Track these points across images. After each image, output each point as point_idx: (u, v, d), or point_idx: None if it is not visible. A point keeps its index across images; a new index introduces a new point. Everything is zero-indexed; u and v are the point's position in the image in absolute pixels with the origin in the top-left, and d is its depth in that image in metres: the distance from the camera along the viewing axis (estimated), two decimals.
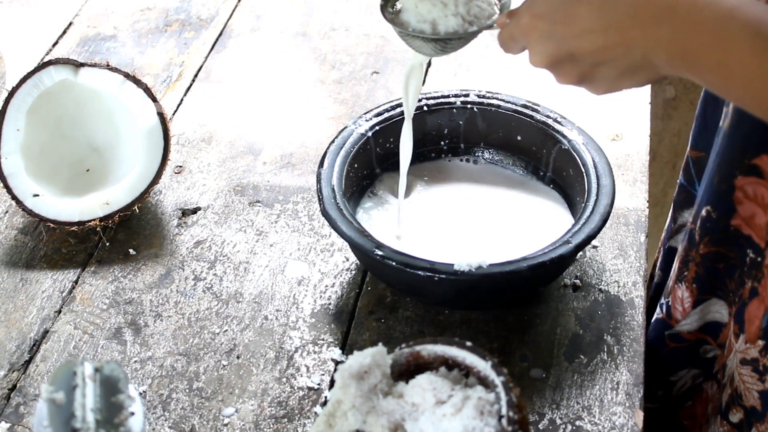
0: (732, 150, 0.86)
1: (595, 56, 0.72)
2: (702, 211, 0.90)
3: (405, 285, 0.92)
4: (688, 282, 0.94)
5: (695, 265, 0.92)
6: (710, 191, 0.89)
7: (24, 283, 0.98)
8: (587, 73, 0.74)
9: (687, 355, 0.98)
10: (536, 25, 0.74)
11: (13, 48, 1.31)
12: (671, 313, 0.97)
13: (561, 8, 0.72)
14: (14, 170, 1.01)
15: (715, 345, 0.96)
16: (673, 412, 1.02)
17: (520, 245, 0.92)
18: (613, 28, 0.70)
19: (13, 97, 1.02)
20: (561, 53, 0.73)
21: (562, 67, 0.75)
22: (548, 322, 0.93)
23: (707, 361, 0.97)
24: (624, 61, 0.71)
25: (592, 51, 0.72)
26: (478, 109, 1.03)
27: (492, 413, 0.69)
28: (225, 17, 1.37)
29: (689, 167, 1.01)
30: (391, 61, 1.27)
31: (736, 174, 0.86)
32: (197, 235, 1.03)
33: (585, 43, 0.71)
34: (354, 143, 0.99)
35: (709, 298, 0.94)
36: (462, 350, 0.73)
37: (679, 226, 1.04)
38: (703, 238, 0.90)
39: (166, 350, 0.91)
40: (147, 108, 1.03)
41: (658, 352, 1.00)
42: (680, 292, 0.95)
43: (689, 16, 0.66)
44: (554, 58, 0.74)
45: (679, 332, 0.97)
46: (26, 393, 0.87)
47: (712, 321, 0.94)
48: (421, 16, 0.86)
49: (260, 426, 0.84)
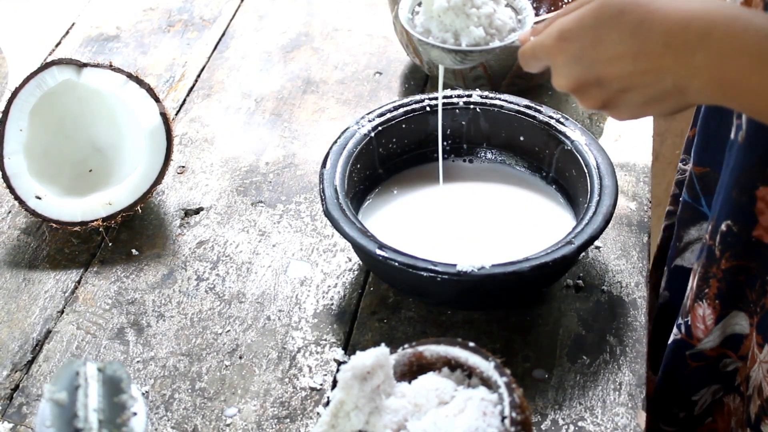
0: (751, 161, 0.84)
1: (623, 82, 0.70)
2: (721, 226, 0.87)
3: (407, 285, 0.92)
4: (709, 299, 0.91)
5: (717, 281, 0.90)
6: (729, 205, 0.87)
7: (27, 283, 0.98)
8: (613, 99, 0.72)
9: (708, 372, 0.96)
10: (564, 47, 0.72)
11: (16, 48, 1.31)
12: (692, 332, 0.94)
13: (591, 32, 0.70)
14: (17, 170, 1.01)
15: (735, 357, 0.94)
16: (692, 431, 1.01)
17: (522, 246, 0.92)
18: (643, 54, 0.68)
19: (16, 97, 1.03)
20: (588, 77, 0.71)
21: (588, 91, 0.73)
22: (551, 322, 0.93)
23: (727, 374, 0.95)
24: (653, 89, 0.69)
25: (620, 77, 0.69)
26: (481, 109, 1.03)
27: (495, 414, 0.69)
28: (228, 17, 1.37)
29: (693, 183, 0.99)
30: (394, 62, 1.27)
31: (757, 185, 0.84)
32: (200, 236, 1.03)
33: (613, 69, 0.69)
34: (357, 144, 0.98)
35: (730, 312, 0.92)
36: (465, 351, 0.73)
37: (686, 244, 1.02)
38: (725, 253, 0.88)
39: (169, 350, 0.91)
40: (150, 108, 1.03)
41: (678, 373, 0.97)
42: (701, 311, 0.92)
43: (726, 41, 0.64)
44: (580, 82, 0.72)
45: (702, 350, 0.94)
46: (29, 393, 0.87)
47: (733, 333, 0.93)
48: (444, 25, 0.84)
49: (263, 426, 0.84)
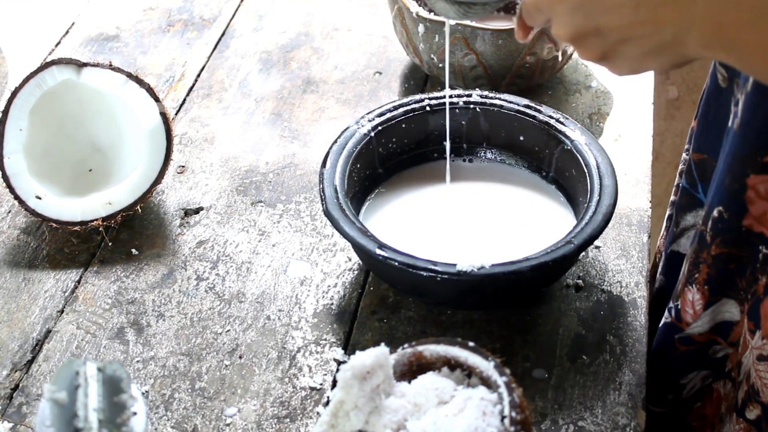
0: (744, 149, 0.84)
1: (622, 32, 0.69)
2: (713, 212, 0.89)
3: (407, 285, 0.92)
4: (699, 284, 0.93)
5: (707, 267, 0.91)
6: (721, 192, 0.88)
7: (27, 283, 0.98)
8: (611, 50, 0.72)
9: (697, 357, 0.97)
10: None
11: (15, 48, 1.31)
12: (681, 316, 0.96)
13: None
14: (17, 170, 1.01)
15: (725, 344, 0.95)
16: (681, 415, 1.02)
17: (522, 245, 0.92)
18: (643, 4, 0.67)
19: (16, 97, 1.02)
20: (587, 27, 0.71)
21: (587, 41, 0.72)
22: (551, 322, 0.93)
23: (717, 360, 0.97)
24: (652, 40, 0.69)
25: (620, 26, 0.69)
26: (481, 109, 1.03)
27: (494, 414, 0.69)
28: (228, 17, 1.37)
29: (691, 170, 1.00)
30: (394, 62, 1.27)
31: (748, 173, 0.85)
32: (200, 235, 1.03)
33: (613, 18, 0.69)
34: (356, 143, 0.98)
35: (720, 299, 0.93)
36: (464, 350, 0.73)
37: (682, 229, 1.03)
38: (715, 239, 0.89)
39: (169, 350, 0.91)
40: (150, 108, 1.03)
41: (667, 356, 0.99)
42: (690, 295, 0.94)
43: None
44: (579, 32, 0.72)
45: (690, 335, 0.96)
46: (29, 393, 0.88)
47: (722, 321, 0.94)
48: None
49: (262, 426, 0.84)
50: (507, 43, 1.12)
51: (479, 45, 1.12)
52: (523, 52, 1.13)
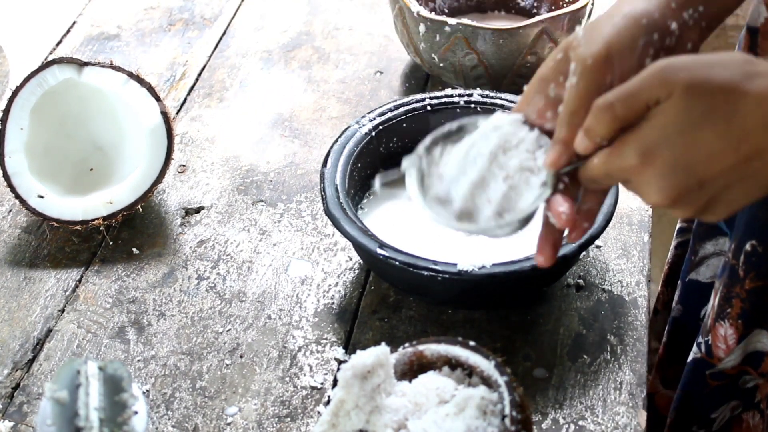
0: None
1: (729, 176, 0.64)
2: (746, 246, 0.87)
3: (408, 284, 0.92)
4: (732, 319, 0.90)
5: (740, 302, 0.89)
6: (753, 225, 0.85)
7: (27, 282, 0.98)
8: (713, 200, 0.66)
9: (728, 390, 0.96)
10: (650, 162, 0.65)
11: (17, 47, 1.31)
12: (712, 351, 0.93)
13: (680, 138, 0.63)
14: (18, 169, 1.01)
15: (756, 374, 0.94)
16: None
17: (523, 245, 0.91)
18: (744, 141, 0.62)
19: (17, 96, 1.03)
20: (689, 184, 0.64)
21: (688, 197, 0.65)
22: (551, 321, 0.93)
23: (747, 391, 0.95)
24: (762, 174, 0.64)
25: (726, 170, 0.63)
26: (482, 108, 1.03)
27: (495, 413, 0.69)
28: (228, 16, 1.37)
29: None
30: (395, 61, 1.27)
31: None
32: (200, 234, 1.03)
33: (716, 165, 0.63)
34: (357, 143, 0.98)
35: (752, 331, 0.91)
36: (465, 350, 0.73)
37: (701, 258, 1.01)
38: (749, 274, 0.88)
39: (170, 349, 0.91)
40: (150, 107, 1.03)
41: (698, 392, 0.96)
42: (723, 330, 0.91)
43: None
44: (680, 191, 0.65)
45: (722, 370, 0.94)
46: (30, 392, 0.88)
47: (754, 351, 0.92)
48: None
49: (263, 425, 0.84)
50: (508, 42, 1.12)
51: (480, 44, 1.12)
52: (524, 52, 1.13)
